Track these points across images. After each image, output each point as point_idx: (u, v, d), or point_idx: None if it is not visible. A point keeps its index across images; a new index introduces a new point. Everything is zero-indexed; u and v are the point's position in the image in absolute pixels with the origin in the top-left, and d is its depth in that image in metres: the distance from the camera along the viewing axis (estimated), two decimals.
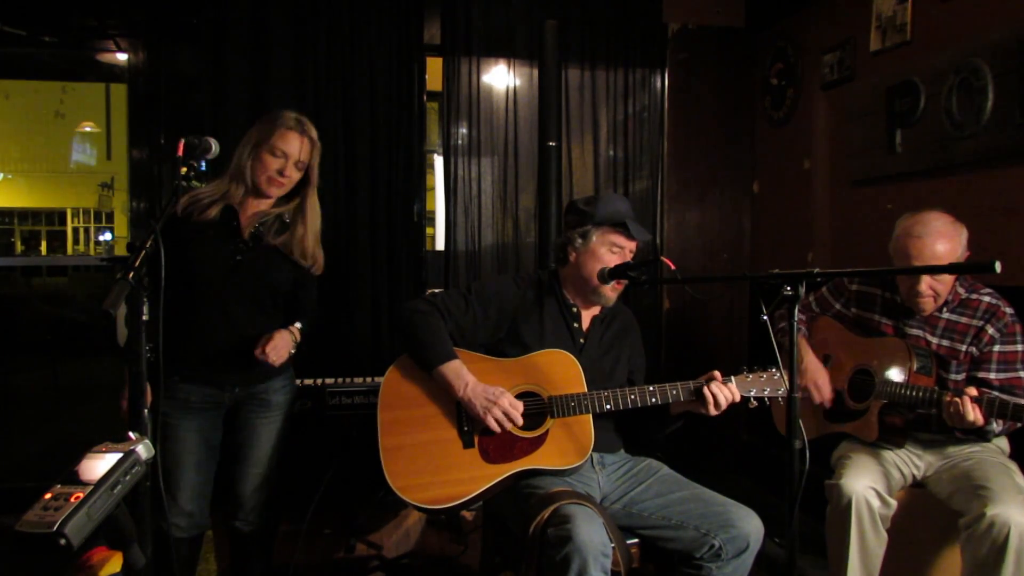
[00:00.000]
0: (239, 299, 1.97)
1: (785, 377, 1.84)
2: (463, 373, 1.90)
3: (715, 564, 1.77)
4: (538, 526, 1.70)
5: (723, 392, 1.85)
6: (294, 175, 2.01)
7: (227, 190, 1.99)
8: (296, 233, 2.04)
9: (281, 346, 1.95)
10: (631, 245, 2.02)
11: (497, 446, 1.89)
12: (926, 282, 2.03)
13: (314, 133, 2.03)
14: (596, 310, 2.12)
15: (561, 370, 1.95)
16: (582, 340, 2.08)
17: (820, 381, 2.24)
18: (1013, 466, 2.01)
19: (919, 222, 2.02)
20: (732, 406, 1.88)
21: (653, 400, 1.90)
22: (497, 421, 1.86)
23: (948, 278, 2.04)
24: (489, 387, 1.89)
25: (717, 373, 1.90)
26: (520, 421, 1.88)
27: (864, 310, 2.25)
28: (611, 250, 2.00)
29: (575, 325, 2.08)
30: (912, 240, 2.00)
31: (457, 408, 1.92)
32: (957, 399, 1.85)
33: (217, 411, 2.03)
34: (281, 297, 2.08)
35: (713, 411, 1.87)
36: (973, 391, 1.86)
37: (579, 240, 2.02)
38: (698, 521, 1.80)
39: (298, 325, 2.06)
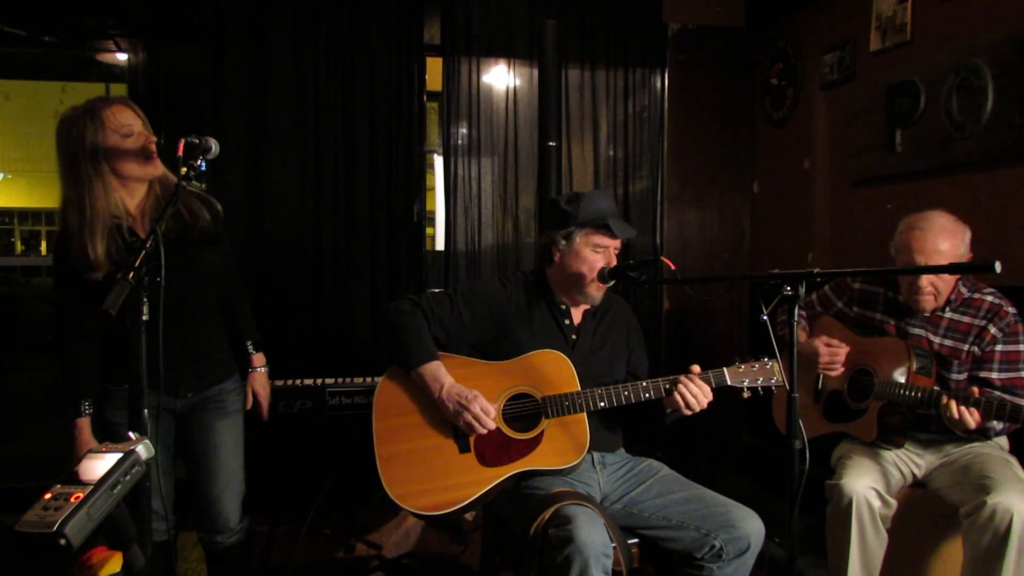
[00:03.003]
0: (174, 305, 1.83)
1: (779, 366, 1.84)
2: (440, 375, 1.90)
3: (716, 564, 1.77)
4: (539, 527, 1.70)
5: (691, 389, 1.83)
6: (152, 138, 1.83)
7: (92, 215, 1.74)
8: (185, 208, 1.91)
9: (261, 392, 2.13)
10: (615, 243, 2.02)
11: (493, 449, 1.89)
12: (927, 278, 2.03)
13: (119, 97, 1.89)
14: (587, 305, 2.12)
15: (554, 370, 1.95)
16: (574, 337, 2.08)
17: (836, 347, 2.19)
18: (1013, 460, 2.01)
19: (923, 218, 2.03)
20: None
21: (647, 395, 1.90)
22: (468, 424, 1.85)
23: (950, 276, 2.04)
24: (464, 390, 1.87)
25: (695, 367, 1.88)
26: (492, 426, 1.87)
27: (866, 309, 2.25)
28: (595, 250, 2.00)
29: (566, 322, 2.08)
30: (914, 233, 2.01)
31: None
32: (955, 404, 1.85)
33: (171, 417, 1.96)
34: (212, 285, 1.99)
35: (686, 411, 1.85)
36: (974, 391, 1.86)
37: (563, 241, 2.03)
38: (699, 521, 1.80)
39: (260, 360, 2.15)
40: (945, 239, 1.98)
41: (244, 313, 2.14)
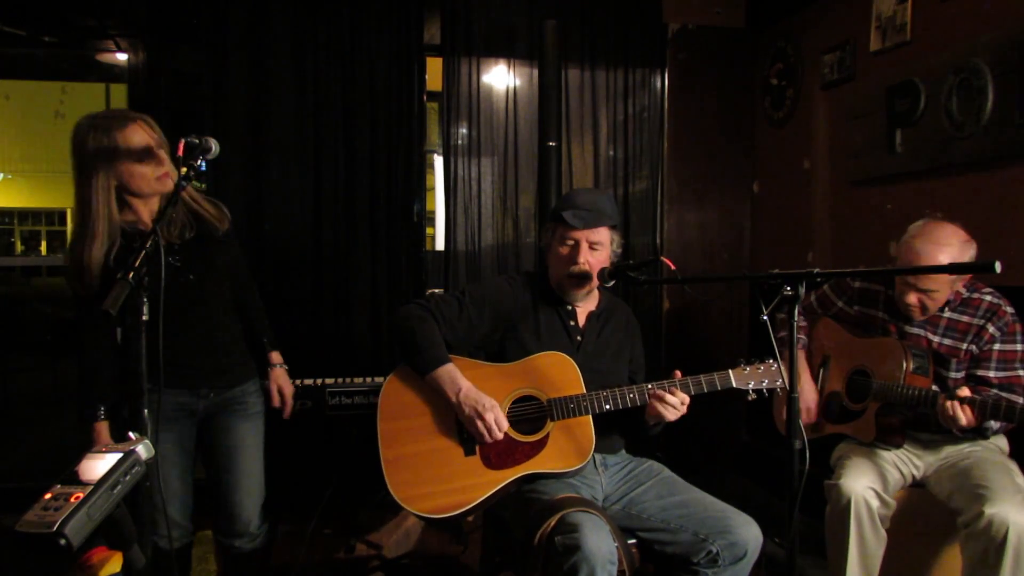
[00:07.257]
0: (193, 302, 1.90)
1: (783, 368, 1.84)
2: (457, 378, 1.89)
3: (712, 570, 1.76)
4: (544, 534, 1.69)
5: (670, 401, 1.85)
6: (166, 159, 1.84)
7: (106, 227, 1.76)
8: (199, 213, 1.93)
9: (286, 388, 2.12)
10: (584, 234, 1.98)
11: (498, 452, 1.89)
12: (915, 295, 2.03)
13: (136, 114, 1.85)
14: (592, 306, 2.12)
15: (559, 372, 1.94)
16: (579, 338, 2.07)
17: (808, 401, 2.26)
18: (1013, 465, 2.01)
19: (922, 236, 2.00)
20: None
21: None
22: (479, 432, 1.85)
23: (940, 295, 2.03)
24: (482, 396, 1.87)
25: (677, 372, 1.90)
26: (500, 437, 1.87)
27: (867, 307, 2.25)
28: (564, 243, 2.01)
29: (571, 324, 2.08)
30: (915, 245, 2.00)
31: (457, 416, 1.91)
32: (949, 402, 1.85)
33: (191, 419, 1.96)
34: (228, 283, 2.01)
35: (670, 417, 1.87)
36: (965, 391, 1.86)
37: (544, 239, 2.11)
38: (696, 526, 1.80)
39: (277, 357, 2.14)
40: (945, 254, 1.96)
41: (259, 313, 2.15)
